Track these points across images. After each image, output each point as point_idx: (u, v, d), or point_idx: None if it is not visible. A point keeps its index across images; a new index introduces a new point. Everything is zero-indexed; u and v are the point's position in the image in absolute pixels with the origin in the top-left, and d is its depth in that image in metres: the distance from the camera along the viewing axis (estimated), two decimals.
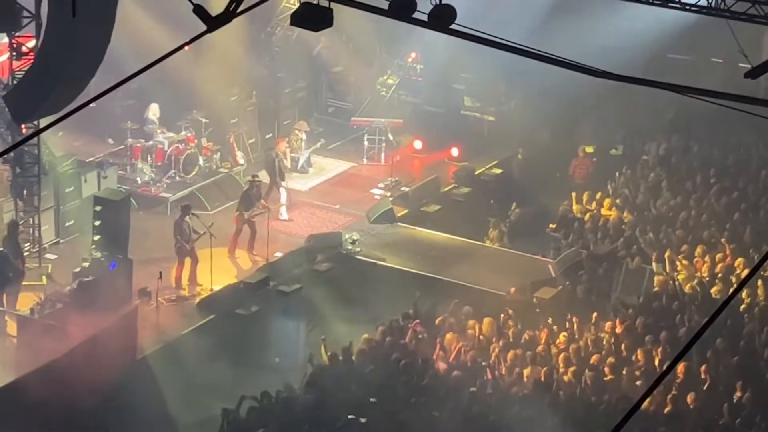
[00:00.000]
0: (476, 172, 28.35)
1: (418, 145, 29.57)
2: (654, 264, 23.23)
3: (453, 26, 12.40)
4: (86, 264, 21.61)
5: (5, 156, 21.70)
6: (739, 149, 27.35)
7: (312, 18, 12.57)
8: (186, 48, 10.23)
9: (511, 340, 20.51)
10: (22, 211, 22.82)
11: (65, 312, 20.63)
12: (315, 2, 12.43)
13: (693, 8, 16.86)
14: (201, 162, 27.08)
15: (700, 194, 25.41)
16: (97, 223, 22.07)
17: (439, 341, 20.50)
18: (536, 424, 18.50)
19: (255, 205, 24.45)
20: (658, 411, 18.68)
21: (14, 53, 21.75)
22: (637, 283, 22.96)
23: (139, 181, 26.39)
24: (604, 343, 20.61)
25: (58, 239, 23.90)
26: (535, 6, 28.96)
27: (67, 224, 24.06)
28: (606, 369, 19.84)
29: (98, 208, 22.20)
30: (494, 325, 20.83)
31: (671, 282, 22.40)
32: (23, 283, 21.86)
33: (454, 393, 19.04)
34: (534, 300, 22.48)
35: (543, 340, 20.51)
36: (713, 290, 21.93)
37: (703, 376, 19.48)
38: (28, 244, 22.94)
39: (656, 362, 19.74)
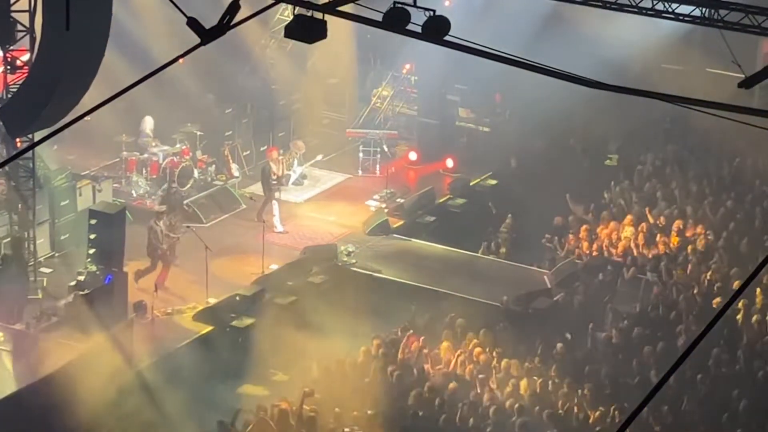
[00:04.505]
0: (471, 183, 28.32)
1: (413, 156, 29.57)
2: (649, 274, 23.23)
3: (447, 37, 12.41)
4: (81, 277, 21.56)
5: (0, 170, 21.67)
6: (734, 159, 27.37)
7: (306, 30, 12.60)
8: (180, 61, 10.21)
9: (507, 351, 20.47)
10: (17, 224, 22.77)
11: (60, 326, 20.60)
12: (308, 14, 12.44)
13: (686, 18, 16.88)
14: (196, 174, 27.05)
15: (696, 204, 25.42)
16: (93, 236, 22.04)
17: (436, 353, 20.48)
18: None
19: (160, 239, 23.16)
20: (655, 421, 18.65)
21: (8, 67, 21.70)
22: (633, 293, 22.95)
23: (134, 194, 26.36)
24: (600, 353, 20.60)
25: (53, 253, 23.84)
26: (529, 17, 28.98)
27: (62, 238, 24.01)
28: (603, 379, 19.83)
29: (93, 222, 22.16)
30: (490, 337, 20.81)
31: (667, 292, 22.39)
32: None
33: (451, 405, 19.01)
34: (530, 311, 22.46)
35: (539, 351, 20.49)
36: (710, 300, 21.92)
37: (700, 386, 19.47)
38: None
39: (653, 372, 19.72)
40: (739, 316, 21.27)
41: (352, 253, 24.67)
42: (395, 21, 12.96)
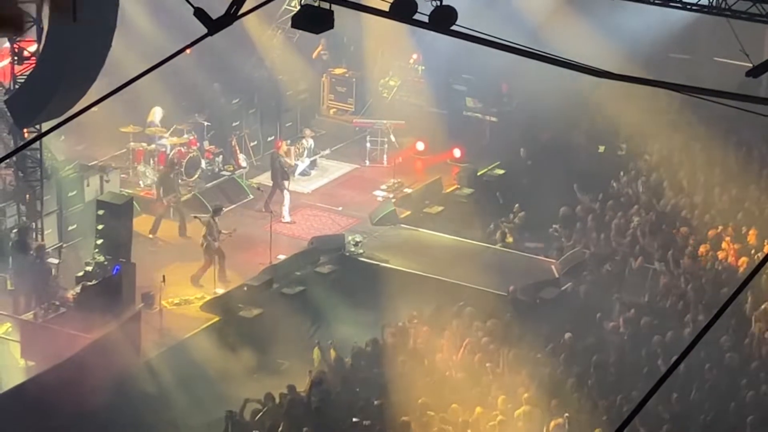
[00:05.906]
0: (479, 173, 28.30)
1: (420, 146, 29.54)
2: (657, 263, 23.20)
3: (454, 27, 12.40)
4: (89, 268, 21.60)
5: (8, 160, 21.70)
6: (741, 148, 27.31)
7: (313, 20, 12.59)
8: (187, 51, 10.22)
9: (514, 340, 20.48)
10: (25, 215, 22.81)
11: (68, 316, 20.63)
12: (316, 4, 12.44)
13: (694, 7, 16.86)
14: (203, 165, 27.07)
15: (703, 194, 25.38)
16: (100, 227, 22.05)
17: (444, 343, 20.48)
18: (542, 424, 18.52)
19: (215, 235, 23.31)
20: (663, 411, 18.65)
21: (16, 58, 21.73)
22: (641, 282, 22.93)
23: (142, 185, 26.39)
24: (608, 343, 20.60)
25: (61, 243, 23.87)
26: (535, 6, 28.95)
27: (70, 228, 24.03)
28: (611, 369, 19.83)
29: (101, 212, 22.18)
30: (498, 326, 20.81)
31: (675, 281, 22.36)
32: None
33: (460, 394, 19.02)
34: (537, 300, 22.46)
35: (546, 341, 20.48)
36: (719, 289, 21.90)
37: (707, 375, 19.47)
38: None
39: (660, 362, 19.72)
40: (746, 306, 21.25)
41: (359, 243, 24.67)
42: (402, 11, 12.96)
